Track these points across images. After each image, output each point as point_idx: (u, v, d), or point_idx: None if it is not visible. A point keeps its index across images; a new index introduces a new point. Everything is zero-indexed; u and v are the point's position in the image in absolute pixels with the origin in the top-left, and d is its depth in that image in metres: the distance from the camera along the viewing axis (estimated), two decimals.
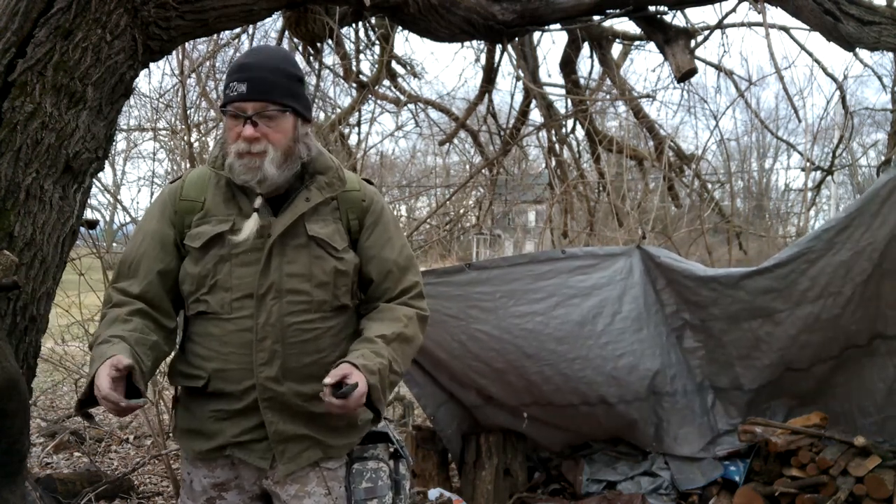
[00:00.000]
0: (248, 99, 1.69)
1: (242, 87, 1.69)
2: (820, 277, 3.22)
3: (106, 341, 1.63)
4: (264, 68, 1.72)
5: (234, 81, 1.70)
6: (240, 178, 1.72)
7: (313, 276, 1.76)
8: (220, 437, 1.76)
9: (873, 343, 3.28)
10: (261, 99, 1.70)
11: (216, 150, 1.83)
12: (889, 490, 3.07)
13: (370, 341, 1.74)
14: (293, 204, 1.77)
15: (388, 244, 1.87)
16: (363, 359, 1.67)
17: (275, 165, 1.71)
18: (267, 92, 1.70)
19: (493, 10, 3.66)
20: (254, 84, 1.69)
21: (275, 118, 1.72)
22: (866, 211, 3.07)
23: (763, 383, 3.62)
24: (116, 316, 1.72)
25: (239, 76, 1.70)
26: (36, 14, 2.07)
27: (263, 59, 1.75)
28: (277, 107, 1.71)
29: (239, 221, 1.75)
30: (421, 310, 1.88)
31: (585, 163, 6.57)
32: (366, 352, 1.70)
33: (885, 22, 2.95)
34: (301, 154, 1.78)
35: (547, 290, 3.56)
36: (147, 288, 1.76)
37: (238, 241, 1.72)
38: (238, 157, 1.71)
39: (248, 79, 1.69)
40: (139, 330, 1.70)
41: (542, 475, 4.02)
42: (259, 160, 1.70)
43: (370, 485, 1.82)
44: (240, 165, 1.71)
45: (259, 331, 1.72)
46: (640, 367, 3.59)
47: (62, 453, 4.65)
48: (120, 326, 1.68)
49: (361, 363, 1.65)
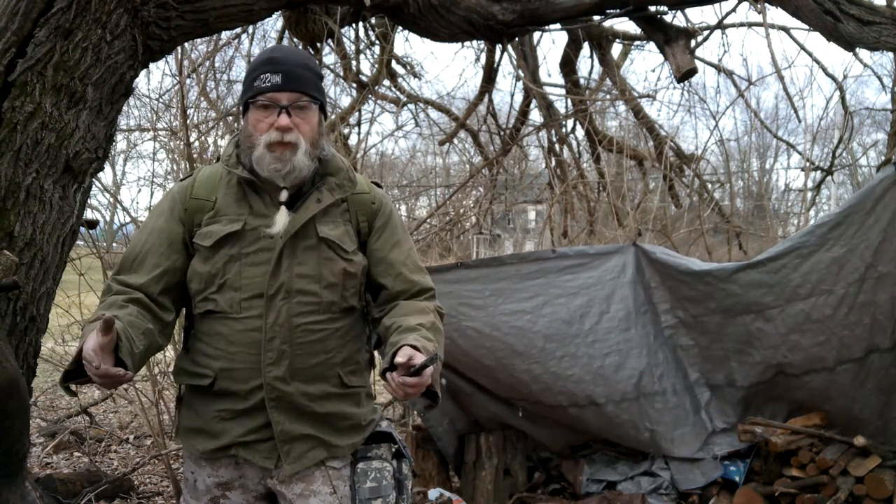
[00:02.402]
0: (283, 89, 1.71)
1: (276, 78, 1.70)
2: (811, 274, 3.21)
3: (96, 319, 1.58)
4: (294, 63, 1.74)
5: (266, 73, 1.71)
6: (269, 168, 1.72)
7: (322, 277, 1.77)
8: (225, 437, 1.76)
9: (869, 357, 3.26)
10: (296, 89, 1.72)
11: (230, 149, 1.82)
12: (889, 490, 3.07)
13: (414, 329, 1.71)
14: (304, 205, 1.77)
15: (397, 247, 1.89)
16: (419, 341, 1.64)
17: (306, 156, 1.74)
18: (301, 83, 1.73)
19: (493, 9, 3.66)
20: (288, 75, 1.71)
21: (305, 109, 1.74)
22: (861, 208, 3.07)
23: (755, 381, 3.61)
24: (113, 302, 1.70)
25: (271, 68, 1.72)
26: (36, 14, 2.07)
27: (291, 54, 1.79)
28: (309, 98, 1.74)
29: (252, 221, 1.76)
30: (440, 307, 1.91)
31: (585, 163, 6.57)
32: (417, 336, 1.67)
33: (885, 22, 2.95)
34: (323, 149, 1.81)
35: (533, 289, 3.61)
36: (148, 282, 1.75)
37: (272, 234, 1.73)
38: (268, 149, 1.71)
39: (282, 71, 1.71)
40: (134, 315, 1.68)
41: (542, 475, 4.02)
42: (290, 151, 1.71)
43: (375, 484, 1.82)
44: (270, 157, 1.71)
45: (268, 331, 1.72)
46: (626, 366, 3.63)
47: (62, 453, 4.65)
48: (115, 310, 1.66)
49: (421, 344, 1.63)
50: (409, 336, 1.67)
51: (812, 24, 3.29)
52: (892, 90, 5.56)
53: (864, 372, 3.29)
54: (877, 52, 3.34)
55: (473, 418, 4.07)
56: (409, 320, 1.75)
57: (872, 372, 3.27)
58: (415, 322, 1.73)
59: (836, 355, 3.30)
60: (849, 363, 3.30)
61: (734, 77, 5.71)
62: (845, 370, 3.32)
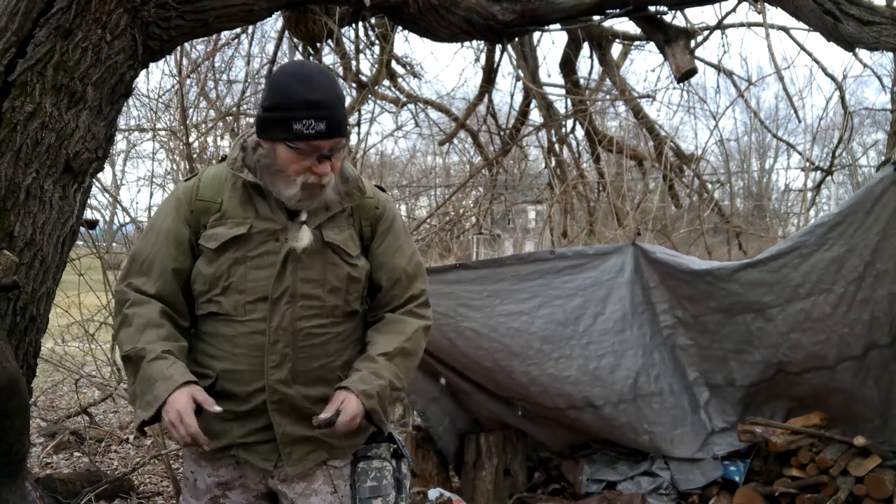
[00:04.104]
0: (327, 137, 1.67)
1: (321, 126, 1.65)
2: (811, 273, 3.21)
3: (160, 358, 1.65)
4: (336, 104, 1.69)
5: (310, 119, 1.64)
6: (297, 204, 1.74)
7: (327, 281, 1.78)
8: (226, 438, 1.76)
9: (868, 354, 3.25)
10: (337, 136, 1.69)
11: (235, 152, 1.81)
12: (889, 490, 3.07)
13: (372, 360, 1.77)
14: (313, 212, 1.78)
15: (399, 252, 1.90)
16: (362, 383, 1.71)
17: (334, 191, 1.76)
18: (341, 128, 1.70)
19: (493, 10, 3.66)
20: (332, 123, 1.66)
21: (340, 150, 1.74)
22: (860, 208, 3.07)
23: (755, 381, 3.61)
24: (148, 321, 1.71)
25: (316, 113, 1.64)
26: (36, 14, 2.07)
27: (328, 90, 1.69)
28: (346, 140, 1.74)
29: (257, 224, 1.76)
30: (425, 319, 1.91)
31: (585, 163, 6.57)
32: (365, 374, 1.74)
33: (885, 22, 2.95)
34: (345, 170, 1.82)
35: (531, 290, 3.61)
36: (163, 287, 1.76)
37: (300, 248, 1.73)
38: (303, 189, 1.71)
39: (327, 118, 1.65)
40: (174, 337, 1.73)
41: (542, 475, 4.02)
42: (321, 190, 1.73)
43: (375, 483, 1.83)
44: (303, 194, 1.72)
45: (272, 334, 1.73)
46: (621, 367, 3.62)
47: (62, 453, 4.65)
48: (155, 333, 1.69)
49: (360, 389, 1.70)
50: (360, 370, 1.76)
51: (812, 24, 3.29)
52: (892, 90, 5.56)
53: (863, 369, 3.29)
54: (877, 52, 3.34)
55: (474, 417, 4.07)
56: (377, 346, 1.81)
57: (872, 369, 3.27)
58: (379, 350, 1.79)
59: (837, 353, 3.31)
60: (849, 361, 3.30)
61: (734, 77, 5.72)
62: (845, 368, 3.32)
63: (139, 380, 1.66)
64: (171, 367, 1.63)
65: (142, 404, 1.64)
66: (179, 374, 1.62)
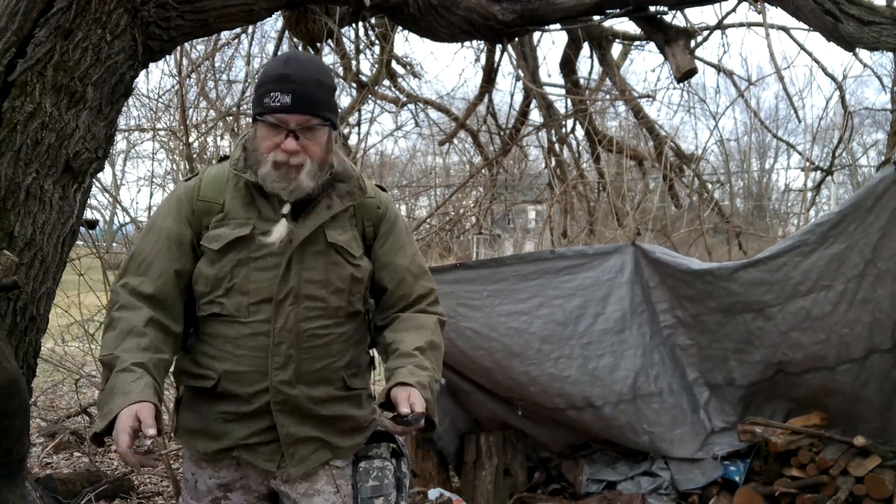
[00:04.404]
0: (292, 111, 1.66)
1: (286, 99, 1.65)
2: (812, 272, 3.21)
3: (127, 370, 1.59)
4: (306, 80, 1.68)
5: (276, 91, 1.65)
6: (272, 186, 1.71)
7: (330, 282, 1.77)
8: (227, 439, 1.75)
9: (870, 357, 3.25)
10: (305, 112, 1.67)
11: (237, 152, 1.80)
12: (889, 490, 3.07)
13: (411, 356, 1.74)
14: (315, 211, 1.76)
15: (401, 252, 1.89)
16: (413, 376, 1.68)
17: (311, 177, 1.71)
18: (311, 106, 1.68)
19: (493, 10, 3.66)
20: (299, 97, 1.66)
21: (314, 131, 1.70)
22: (861, 207, 3.07)
23: (755, 380, 3.61)
24: (130, 328, 1.66)
25: (282, 87, 1.65)
26: (36, 14, 2.07)
27: (304, 70, 1.70)
28: (319, 121, 1.70)
29: (260, 225, 1.74)
30: (441, 315, 1.92)
31: (585, 163, 6.57)
32: (412, 368, 1.71)
33: (885, 22, 2.95)
34: (333, 164, 1.79)
35: (531, 290, 3.62)
36: (161, 287, 1.73)
37: (268, 243, 1.71)
38: (274, 168, 1.69)
39: (293, 91, 1.65)
40: (154, 348, 1.67)
41: (542, 475, 4.02)
42: (296, 172, 1.69)
43: (377, 483, 1.83)
44: (275, 174, 1.70)
45: (276, 335, 1.72)
46: (620, 367, 3.63)
47: (62, 453, 4.65)
48: (135, 342, 1.64)
49: (415, 381, 1.67)
50: (404, 367, 1.71)
51: (812, 24, 3.29)
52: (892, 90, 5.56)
53: (864, 373, 3.29)
54: (877, 52, 3.34)
55: (473, 417, 4.07)
56: (408, 342, 1.77)
57: (874, 374, 3.26)
58: (412, 346, 1.76)
59: (837, 354, 3.30)
60: (849, 363, 3.30)
61: (734, 77, 5.72)
62: (846, 370, 3.32)
63: (106, 389, 1.62)
64: (134, 381, 1.57)
65: (100, 415, 1.59)
66: (138, 392, 1.55)
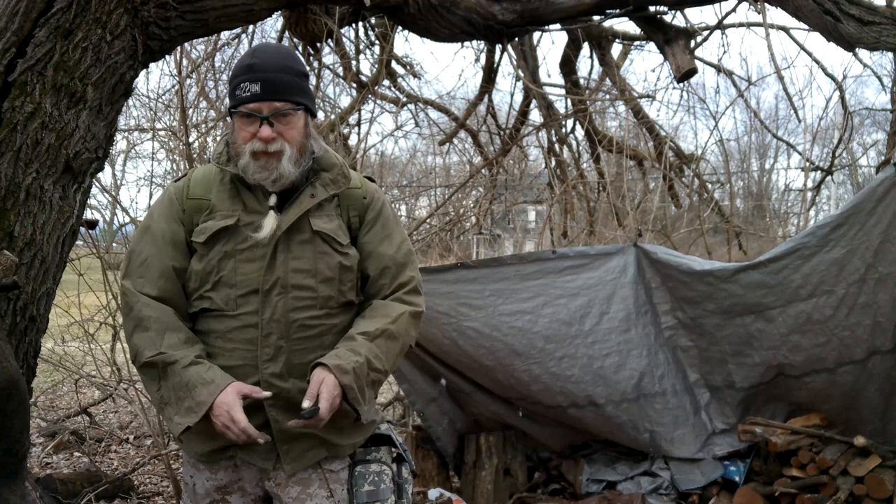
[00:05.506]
0: (262, 99, 1.69)
1: (255, 88, 1.68)
2: (813, 275, 3.21)
3: (194, 363, 1.66)
4: (273, 68, 1.71)
5: (246, 82, 1.69)
6: (254, 178, 1.72)
7: (318, 271, 1.76)
8: (222, 438, 1.74)
9: (871, 359, 3.24)
10: (276, 99, 1.70)
11: (220, 147, 1.82)
12: (889, 490, 3.07)
13: (351, 339, 1.74)
14: (298, 200, 1.77)
15: (387, 240, 1.88)
16: (337, 358, 1.67)
17: (292, 163, 1.72)
18: (281, 91, 1.70)
19: (493, 10, 3.66)
20: (267, 84, 1.68)
21: (289, 116, 1.72)
22: (862, 209, 3.06)
23: (754, 383, 3.60)
24: (166, 324, 1.71)
25: (250, 77, 1.69)
26: (36, 14, 2.07)
27: (270, 58, 1.74)
28: (292, 105, 1.72)
29: (245, 217, 1.75)
30: (414, 305, 1.86)
31: (585, 163, 6.57)
32: (341, 351, 1.70)
33: (885, 22, 2.94)
34: (313, 149, 1.80)
35: (533, 289, 3.61)
36: (164, 287, 1.75)
37: (259, 238, 1.72)
38: (253, 158, 1.71)
39: (261, 79, 1.68)
40: (193, 339, 1.74)
41: (542, 475, 4.02)
42: (275, 160, 1.71)
43: (372, 488, 1.82)
44: (255, 165, 1.71)
45: (264, 327, 1.72)
46: (626, 367, 3.63)
47: (62, 453, 4.65)
48: (176, 337, 1.70)
49: (335, 363, 1.65)
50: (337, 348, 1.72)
51: (812, 24, 3.29)
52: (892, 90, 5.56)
53: (865, 374, 3.28)
54: (877, 52, 3.34)
55: (473, 418, 4.07)
56: (359, 326, 1.77)
57: (874, 375, 3.26)
58: (359, 330, 1.75)
59: (837, 356, 3.30)
60: (849, 365, 3.29)
61: (734, 77, 5.71)
62: (846, 372, 3.31)
63: (173, 386, 1.65)
64: (208, 371, 1.65)
65: (179, 410, 1.64)
66: (220, 378, 1.64)
